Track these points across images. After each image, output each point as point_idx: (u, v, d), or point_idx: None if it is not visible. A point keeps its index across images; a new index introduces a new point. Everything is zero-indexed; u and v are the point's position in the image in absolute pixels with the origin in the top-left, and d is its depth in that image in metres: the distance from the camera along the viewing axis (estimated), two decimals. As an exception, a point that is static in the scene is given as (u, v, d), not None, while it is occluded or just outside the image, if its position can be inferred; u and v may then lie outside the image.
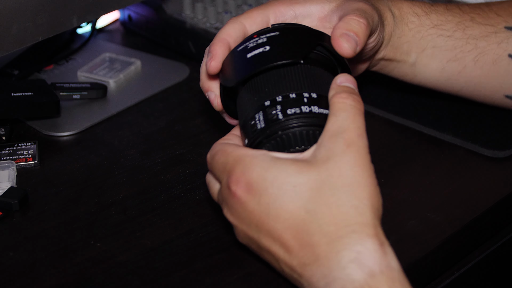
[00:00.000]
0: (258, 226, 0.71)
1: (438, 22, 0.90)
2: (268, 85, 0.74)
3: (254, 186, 0.70)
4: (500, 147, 0.93)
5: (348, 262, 0.67)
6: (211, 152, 0.75)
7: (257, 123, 0.73)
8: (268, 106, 0.73)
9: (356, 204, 0.68)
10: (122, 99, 1.05)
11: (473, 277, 0.89)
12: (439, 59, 0.91)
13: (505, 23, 0.91)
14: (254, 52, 0.76)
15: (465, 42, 0.90)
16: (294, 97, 0.73)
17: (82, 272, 0.78)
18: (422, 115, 0.98)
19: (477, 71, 0.91)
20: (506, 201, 0.87)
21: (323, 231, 0.68)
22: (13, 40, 0.89)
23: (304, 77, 0.75)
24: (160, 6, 1.15)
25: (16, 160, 0.92)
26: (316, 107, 0.73)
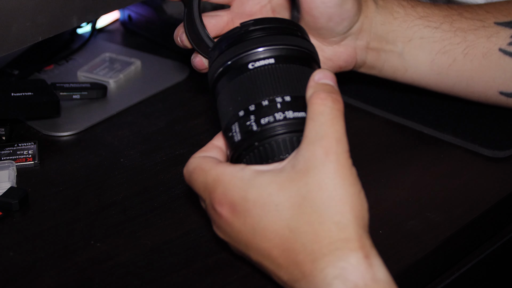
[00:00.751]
0: (247, 245, 0.71)
1: (424, 14, 0.90)
2: (240, 92, 0.72)
3: (238, 207, 0.70)
4: (500, 147, 0.93)
5: (332, 278, 0.66)
6: (188, 169, 0.74)
7: (234, 135, 0.72)
8: (242, 116, 0.71)
9: (338, 220, 0.67)
10: (122, 99, 1.05)
11: (473, 277, 0.89)
12: (427, 50, 0.90)
13: (495, 19, 0.91)
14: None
15: (453, 34, 0.90)
16: (267, 104, 0.70)
17: (82, 272, 0.78)
18: (422, 115, 0.98)
19: (467, 64, 0.91)
20: (506, 201, 0.87)
21: (307, 250, 0.68)
22: (13, 40, 0.89)
23: (276, 79, 0.71)
24: (160, 6, 1.15)
25: (16, 160, 0.92)
26: (291, 112, 0.70)
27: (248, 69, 0.72)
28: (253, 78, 0.72)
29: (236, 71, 0.73)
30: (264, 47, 0.72)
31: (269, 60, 0.72)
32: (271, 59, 0.72)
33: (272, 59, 0.72)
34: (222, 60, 0.74)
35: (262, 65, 0.72)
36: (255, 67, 0.72)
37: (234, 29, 0.75)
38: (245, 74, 0.72)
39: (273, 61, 0.72)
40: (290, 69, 0.72)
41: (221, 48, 0.74)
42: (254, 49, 0.72)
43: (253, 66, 0.72)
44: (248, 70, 0.72)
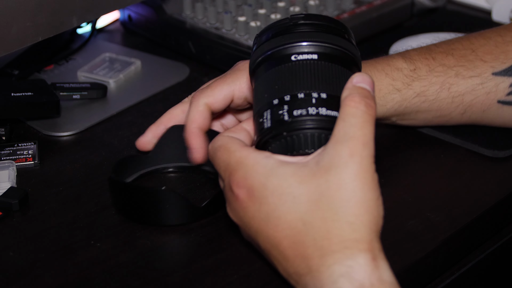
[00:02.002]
0: (257, 231, 0.71)
1: (421, 89, 0.89)
2: (278, 81, 0.73)
3: (255, 193, 0.70)
4: (500, 147, 0.93)
5: (338, 276, 0.67)
6: (213, 145, 0.74)
7: (264, 122, 0.72)
8: (276, 105, 0.72)
9: (352, 221, 0.68)
10: (122, 99, 1.05)
11: (473, 277, 0.89)
12: (423, 117, 0.92)
13: (492, 69, 0.90)
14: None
15: (450, 100, 0.90)
16: (302, 97, 0.71)
17: (82, 272, 0.78)
18: (422, 115, 0.98)
19: (465, 120, 0.92)
20: (506, 201, 0.87)
21: (317, 245, 0.68)
22: (13, 40, 0.89)
23: (316, 75, 0.72)
24: (160, 6, 1.15)
25: (16, 160, 0.92)
26: (324, 109, 0.71)
27: (291, 60, 0.73)
28: (294, 69, 0.72)
29: (278, 60, 0.74)
30: (310, 42, 0.73)
31: (312, 55, 0.73)
32: (314, 54, 0.73)
33: (315, 55, 0.73)
34: (267, 48, 0.75)
35: (304, 59, 0.73)
36: (297, 59, 0.73)
37: (283, 20, 0.76)
38: (287, 64, 0.73)
39: (316, 57, 0.73)
40: (331, 68, 0.73)
41: (268, 36, 0.75)
42: (300, 42, 0.73)
43: (295, 58, 0.73)
44: (290, 61, 0.73)
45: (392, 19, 1.19)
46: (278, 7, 1.14)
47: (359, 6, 1.16)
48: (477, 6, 1.24)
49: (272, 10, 1.14)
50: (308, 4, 1.15)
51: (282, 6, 1.13)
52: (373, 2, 1.17)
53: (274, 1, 1.15)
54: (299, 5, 1.14)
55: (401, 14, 1.20)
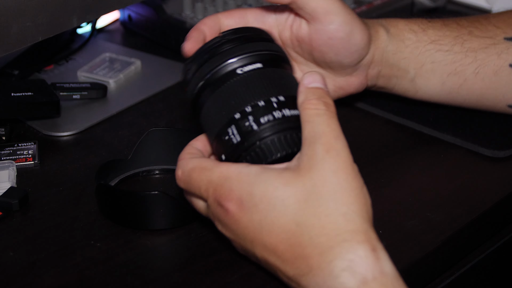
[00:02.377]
0: (252, 241, 0.71)
1: (435, 37, 0.91)
2: (233, 97, 0.73)
3: (245, 203, 0.70)
4: (500, 147, 0.93)
5: (340, 271, 0.67)
6: (184, 169, 0.74)
7: (231, 138, 0.73)
8: (239, 118, 0.72)
9: (344, 211, 0.68)
10: (122, 99, 1.05)
11: (473, 277, 0.89)
12: (439, 73, 0.91)
13: (504, 34, 0.91)
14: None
15: (464, 55, 0.91)
16: (263, 105, 0.72)
17: (82, 272, 0.78)
18: (422, 115, 0.98)
19: (478, 83, 0.92)
20: (506, 201, 0.87)
21: (314, 243, 0.68)
22: (13, 40, 0.89)
23: (267, 81, 0.74)
24: (160, 6, 1.15)
25: (16, 160, 0.92)
26: (287, 110, 0.72)
27: (237, 74, 0.74)
28: (245, 82, 0.74)
29: (224, 78, 0.74)
30: (250, 53, 0.75)
31: (256, 64, 0.74)
32: (258, 63, 0.75)
33: (259, 63, 0.75)
34: (207, 70, 0.75)
35: (250, 69, 0.74)
36: (244, 71, 0.74)
37: (211, 41, 0.77)
38: (235, 79, 0.74)
39: (260, 65, 0.75)
40: (275, 72, 0.75)
41: (202, 59, 0.76)
42: (241, 55, 0.75)
43: (242, 71, 0.74)
44: (237, 75, 0.74)
45: (392, 19, 1.18)
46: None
47: (359, 6, 1.16)
48: (477, 6, 1.25)
49: (272, 10, 1.14)
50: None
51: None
52: (373, 2, 1.17)
53: (274, 1, 1.15)
54: (299, 5, 1.14)
55: (401, 14, 1.20)
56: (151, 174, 0.91)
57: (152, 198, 0.81)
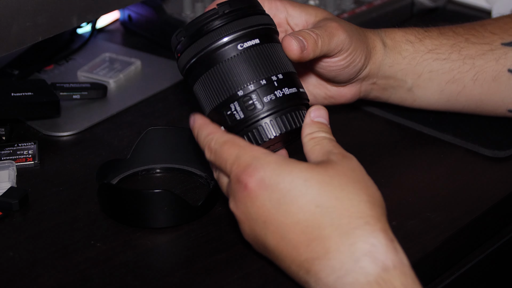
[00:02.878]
0: (266, 222, 0.71)
1: (432, 46, 0.91)
2: (235, 73, 0.76)
3: (267, 181, 0.71)
4: (500, 147, 0.93)
5: (362, 254, 0.67)
6: (218, 140, 0.74)
7: (234, 114, 0.75)
8: (242, 96, 0.75)
9: (366, 199, 0.69)
10: (122, 99, 1.05)
11: (473, 277, 0.89)
12: (437, 82, 0.92)
13: (501, 40, 0.92)
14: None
15: (462, 62, 0.91)
16: (265, 83, 0.76)
17: (82, 272, 0.78)
18: (422, 115, 0.98)
19: (477, 89, 0.92)
20: (506, 201, 0.87)
21: (335, 224, 0.68)
22: (13, 40, 0.89)
23: (266, 59, 0.77)
24: (160, 6, 1.15)
25: (16, 160, 0.92)
26: (287, 89, 0.76)
27: (237, 49, 0.76)
28: (246, 58, 0.76)
29: (222, 54, 0.76)
30: (246, 29, 0.77)
31: (254, 40, 0.77)
32: (255, 39, 0.77)
33: (257, 39, 0.77)
34: (205, 43, 0.77)
35: (250, 45, 0.77)
36: (244, 48, 0.76)
37: (208, 12, 0.77)
38: (235, 55, 0.76)
39: (258, 41, 0.77)
40: (272, 47, 0.78)
41: (200, 32, 0.77)
42: (239, 31, 0.77)
43: (242, 47, 0.76)
44: (237, 51, 0.76)
45: (392, 19, 1.19)
46: (278, 7, 1.13)
47: (359, 6, 1.16)
48: (477, 6, 1.25)
49: (272, 10, 1.14)
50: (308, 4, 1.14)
51: (282, 6, 1.13)
52: (373, 2, 1.17)
53: (274, 1, 1.15)
54: (299, 5, 1.14)
55: (401, 14, 1.20)
56: (151, 173, 0.91)
57: (156, 196, 0.81)
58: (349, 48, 0.85)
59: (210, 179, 0.88)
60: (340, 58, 0.85)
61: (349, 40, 0.84)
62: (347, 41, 0.84)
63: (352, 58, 0.86)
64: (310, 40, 0.81)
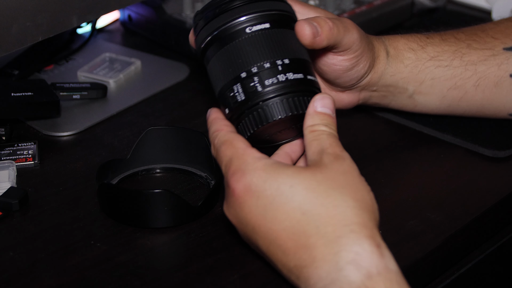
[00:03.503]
0: (254, 228, 0.71)
1: (434, 53, 0.91)
2: (240, 55, 0.76)
3: (253, 187, 0.70)
4: (500, 147, 0.93)
5: (345, 263, 0.67)
6: (220, 139, 0.75)
7: (236, 95, 0.76)
8: (245, 77, 0.75)
9: (353, 205, 0.69)
10: (122, 99, 1.05)
11: (473, 277, 0.89)
12: (438, 88, 0.92)
13: (503, 45, 0.91)
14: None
15: (463, 69, 0.91)
16: (268, 66, 0.75)
17: (82, 272, 0.78)
18: (422, 115, 0.98)
19: (478, 95, 0.92)
20: (506, 201, 0.87)
21: (320, 233, 0.68)
22: (13, 40, 0.89)
23: (274, 43, 0.76)
24: (160, 6, 1.15)
25: (16, 160, 0.92)
26: (291, 74, 0.75)
27: (246, 33, 0.76)
28: (253, 41, 0.76)
29: (232, 36, 0.77)
30: (258, 13, 0.77)
31: (264, 25, 0.77)
32: (266, 23, 0.77)
33: (267, 23, 0.77)
34: (216, 25, 0.77)
35: (258, 29, 0.76)
36: (252, 31, 0.76)
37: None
38: (243, 38, 0.76)
39: (268, 26, 0.77)
40: (282, 33, 0.77)
41: (210, 14, 0.78)
42: (249, 14, 0.77)
43: (250, 30, 0.76)
44: (245, 33, 0.76)
45: (392, 19, 1.19)
46: (278, 7, 1.13)
47: (359, 6, 1.16)
48: (477, 6, 1.25)
49: (272, 10, 1.14)
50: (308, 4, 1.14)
51: (282, 6, 1.13)
52: (373, 2, 1.17)
53: (274, 1, 1.15)
54: (299, 5, 1.14)
55: (401, 14, 1.20)
56: (150, 173, 0.91)
57: (156, 196, 0.81)
58: (357, 49, 0.85)
59: (210, 179, 0.88)
60: (347, 57, 0.85)
61: (359, 41, 0.84)
62: (358, 41, 0.84)
63: (358, 61, 0.86)
64: (325, 26, 0.80)
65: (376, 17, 1.16)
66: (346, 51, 0.84)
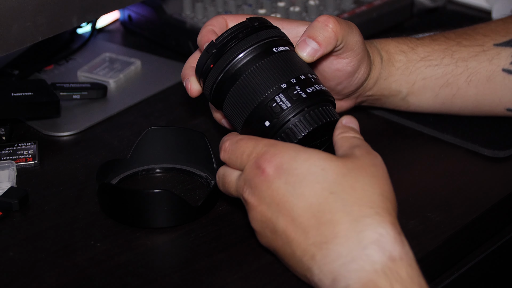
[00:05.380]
0: (279, 205, 0.72)
1: (425, 54, 0.92)
2: (274, 70, 0.79)
3: (284, 166, 0.72)
4: (500, 147, 0.93)
5: (369, 242, 0.68)
6: (233, 139, 0.76)
7: (281, 104, 0.77)
8: (286, 88, 0.77)
9: (379, 192, 0.70)
10: (122, 99, 1.05)
11: (473, 277, 0.89)
12: (430, 88, 0.92)
13: (493, 41, 0.92)
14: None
15: (454, 66, 0.91)
16: (304, 78, 0.78)
17: (82, 272, 0.78)
18: (422, 115, 0.98)
19: (471, 90, 0.92)
20: (506, 201, 0.87)
21: (347, 210, 0.69)
22: (13, 40, 0.89)
23: (298, 61, 0.80)
24: (160, 6, 1.15)
25: (16, 160, 0.92)
26: (321, 86, 0.79)
27: (274, 52, 0.80)
28: (284, 58, 0.80)
29: (261, 54, 0.80)
30: (279, 37, 0.82)
31: (285, 47, 0.81)
32: (285, 46, 0.81)
33: (286, 46, 0.81)
34: (244, 46, 0.80)
35: (282, 50, 0.81)
36: (278, 51, 0.80)
37: (243, 23, 0.81)
38: (272, 56, 0.79)
39: (287, 48, 0.81)
40: (296, 55, 0.82)
41: (234, 39, 0.81)
42: (272, 38, 0.81)
43: (277, 50, 0.80)
44: (273, 53, 0.80)
45: (392, 19, 1.19)
46: (278, 7, 1.14)
47: (359, 6, 1.16)
48: (477, 6, 1.25)
49: (272, 10, 1.14)
50: (308, 4, 1.15)
51: (282, 6, 1.13)
52: (373, 2, 1.17)
53: (274, 1, 1.15)
54: (299, 5, 1.15)
55: (401, 14, 1.20)
56: (150, 173, 0.91)
57: (156, 196, 0.81)
58: (360, 52, 0.85)
59: (210, 179, 0.88)
60: (350, 60, 0.85)
61: (361, 43, 0.85)
62: (360, 42, 0.85)
63: (360, 66, 0.86)
64: (326, 33, 0.81)
65: (376, 17, 1.16)
66: (350, 52, 0.84)
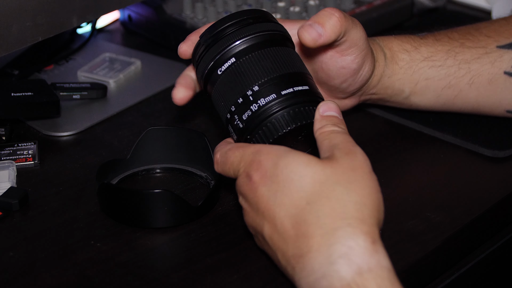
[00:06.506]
0: (264, 212, 0.72)
1: (428, 54, 0.91)
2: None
3: (268, 173, 0.72)
4: (500, 147, 0.93)
5: (337, 257, 0.67)
6: (222, 150, 0.77)
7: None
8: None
9: (356, 200, 0.69)
10: (122, 99, 1.05)
11: (473, 277, 0.89)
12: (433, 88, 0.92)
13: (497, 43, 0.92)
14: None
15: (457, 68, 0.91)
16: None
17: (82, 272, 0.78)
18: (422, 115, 0.98)
19: (473, 92, 0.92)
20: (506, 201, 0.87)
21: (320, 222, 0.69)
22: (13, 40, 0.89)
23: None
24: (160, 6, 1.15)
25: (16, 160, 0.92)
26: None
27: (267, 46, 0.78)
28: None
29: (258, 45, 0.78)
30: (249, 36, 0.79)
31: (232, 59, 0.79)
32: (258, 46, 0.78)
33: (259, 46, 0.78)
34: (212, 54, 0.79)
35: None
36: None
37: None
38: (266, 49, 0.78)
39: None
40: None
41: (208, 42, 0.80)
42: (241, 38, 0.79)
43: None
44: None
45: (392, 19, 1.19)
46: (278, 7, 1.14)
47: (359, 6, 1.16)
48: (477, 6, 1.25)
49: (272, 10, 1.14)
50: (308, 4, 1.15)
51: (282, 6, 1.13)
52: (373, 2, 1.17)
53: (274, 1, 1.15)
54: (299, 5, 1.15)
55: (401, 14, 1.20)
56: (150, 173, 0.91)
57: (156, 196, 0.81)
58: (364, 48, 0.85)
59: (210, 179, 0.88)
60: (354, 56, 0.85)
61: (365, 39, 0.85)
62: (363, 39, 0.85)
63: (364, 63, 0.86)
64: (333, 18, 0.80)
65: (376, 17, 1.16)
66: (354, 48, 0.84)
